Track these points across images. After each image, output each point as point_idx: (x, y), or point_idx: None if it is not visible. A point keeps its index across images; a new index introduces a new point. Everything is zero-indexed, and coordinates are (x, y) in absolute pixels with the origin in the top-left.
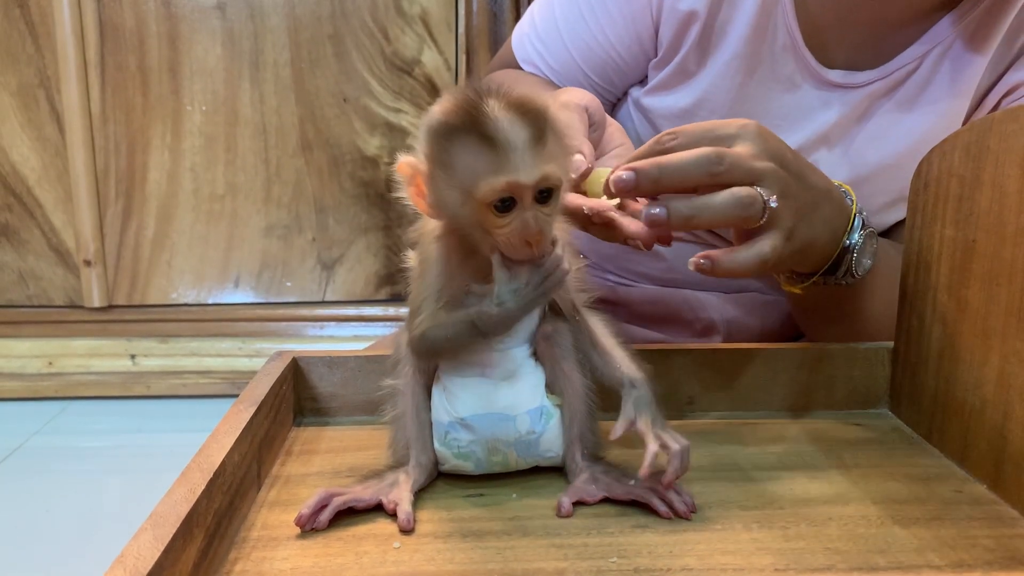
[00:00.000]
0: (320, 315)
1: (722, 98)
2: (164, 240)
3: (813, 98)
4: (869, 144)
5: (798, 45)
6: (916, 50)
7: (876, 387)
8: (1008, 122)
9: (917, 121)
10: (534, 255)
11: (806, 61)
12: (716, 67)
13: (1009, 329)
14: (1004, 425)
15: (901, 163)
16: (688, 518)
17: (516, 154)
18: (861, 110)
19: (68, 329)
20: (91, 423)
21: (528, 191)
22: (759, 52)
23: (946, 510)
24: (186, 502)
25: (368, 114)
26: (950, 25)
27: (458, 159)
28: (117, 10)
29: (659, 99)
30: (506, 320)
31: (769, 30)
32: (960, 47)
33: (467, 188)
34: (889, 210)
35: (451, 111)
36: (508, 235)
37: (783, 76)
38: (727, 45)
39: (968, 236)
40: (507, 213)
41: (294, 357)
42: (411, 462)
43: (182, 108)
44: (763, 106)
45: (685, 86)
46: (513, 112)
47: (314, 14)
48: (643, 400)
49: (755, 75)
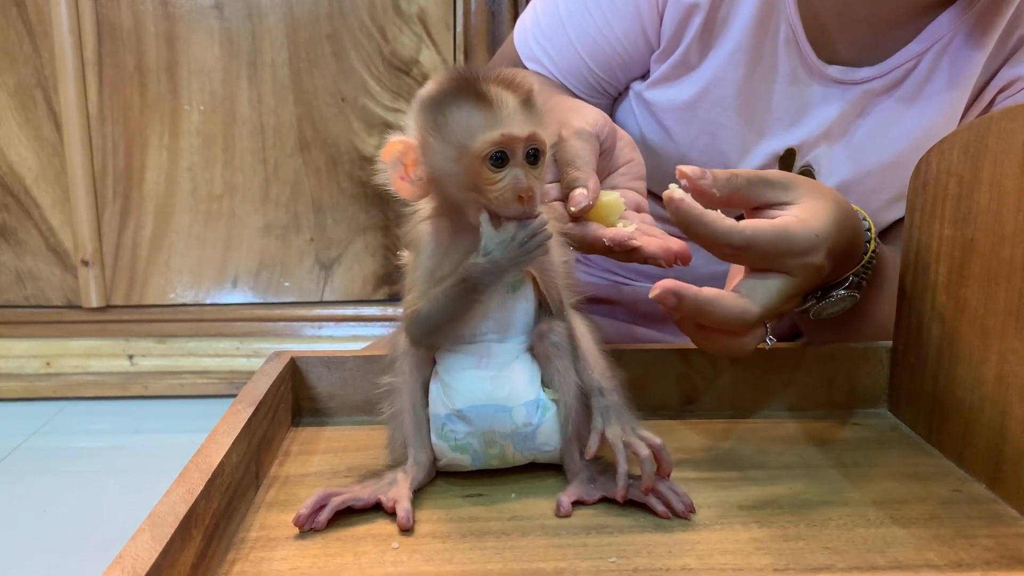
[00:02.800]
0: (318, 315)
1: (724, 91)
2: (162, 240)
3: (814, 93)
4: (870, 140)
5: (800, 39)
6: (915, 47)
7: (875, 386)
8: (1006, 121)
9: (917, 117)
10: (525, 211)
11: (807, 56)
12: (718, 59)
13: (1008, 328)
14: (1003, 424)
15: (902, 159)
16: (687, 518)
17: (508, 111)
18: (861, 106)
19: (66, 329)
20: (89, 423)
21: (520, 146)
22: (761, 45)
23: (945, 509)
24: (184, 502)
25: (366, 114)
26: (949, 22)
27: (453, 119)
28: (115, 10)
29: (661, 92)
30: (493, 270)
31: (772, 23)
32: (959, 43)
33: (463, 144)
34: (891, 207)
35: (444, 83)
36: (501, 190)
37: (785, 70)
38: (729, 37)
39: (967, 235)
40: (500, 170)
41: (292, 357)
42: (409, 460)
43: (180, 108)
44: (765, 100)
45: (687, 78)
46: (501, 82)
47: (312, 14)
48: (611, 409)
49: (757, 68)
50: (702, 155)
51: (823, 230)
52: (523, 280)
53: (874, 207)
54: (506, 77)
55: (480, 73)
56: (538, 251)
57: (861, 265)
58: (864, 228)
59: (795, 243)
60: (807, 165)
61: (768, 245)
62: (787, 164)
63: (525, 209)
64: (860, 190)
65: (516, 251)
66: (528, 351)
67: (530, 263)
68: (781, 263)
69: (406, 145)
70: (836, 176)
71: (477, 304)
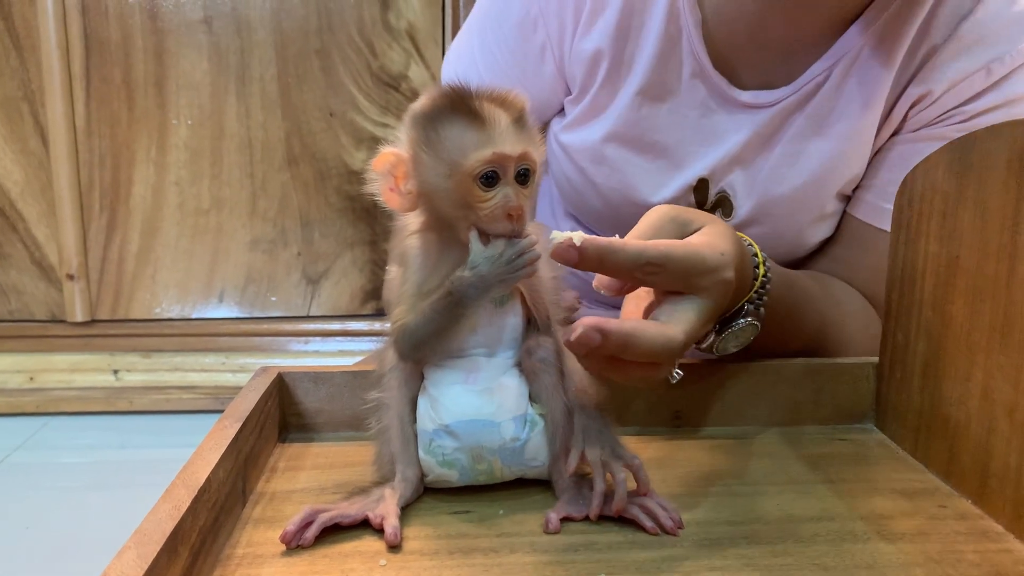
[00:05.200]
0: (305, 330)
1: (631, 130)
2: (148, 254)
3: (725, 120)
4: (783, 162)
5: (707, 71)
6: (824, 62)
7: (861, 402)
8: (990, 139)
9: (829, 138)
10: (514, 229)
11: (717, 85)
12: (624, 100)
13: (993, 344)
14: (988, 440)
15: (818, 179)
16: (675, 534)
17: (500, 129)
18: (773, 128)
19: (50, 344)
20: (73, 439)
21: (511, 164)
22: (667, 82)
23: (932, 525)
24: (171, 519)
25: (355, 128)
26: (856, 36)
27: (446, 136)
28: (103, 24)
29: (573, 135)
30: (479, 285)
31: (675, 58)
32: (866, 58)
33: (455, 161)
34: (812, 228)
35: (437, 98)
36: (492, 208)
37: (695, 102)
38: (633, 78)
39: (952, 252)
40: (491, 188)
41: (279, 373)
42: (397, 477)
43: (167, 122)
44: (675, 133)
45: (596, 121)
46: (494, 100)
47: (301, 29)
48: (591, 428)
49: (666, 104)
50: (616, 194)
51: (727, 249)
52: (511, 296)
53: (794, 229)
54: (499, 95)
55: (474, 90)
56: (525, 270)
57: (754, 291)
58: (751, 254)
59: (707, 260)
60: (722, 192)
61: (682, 261)
62: (701, 193)
63: (514, 227)
64: (778, 212)
65: (503, 268)
66: (516, 366)
67: (517, 281)
68: (694, 282)
69: (397, 157)
70: (752, 199)
71: (463, 318)
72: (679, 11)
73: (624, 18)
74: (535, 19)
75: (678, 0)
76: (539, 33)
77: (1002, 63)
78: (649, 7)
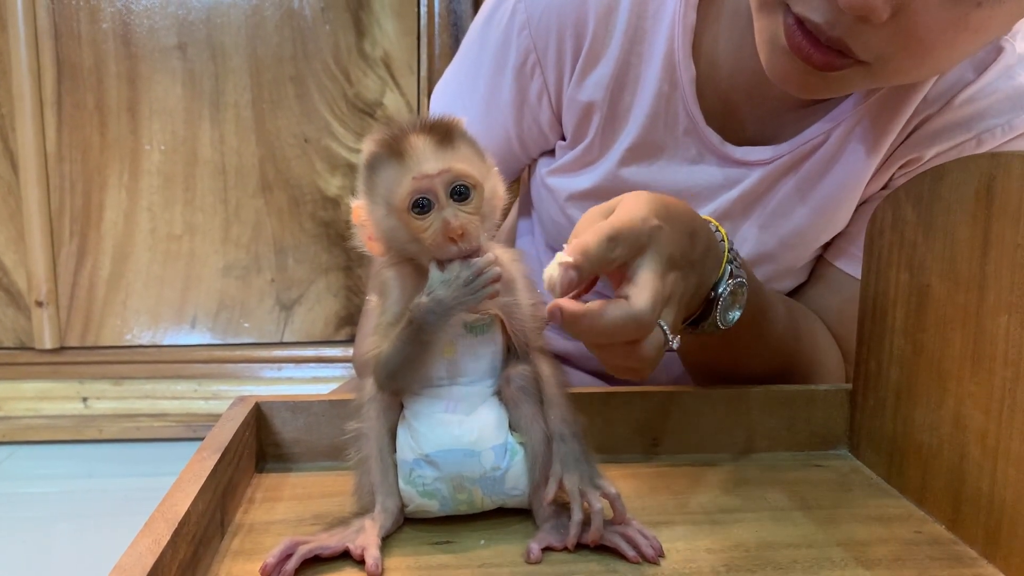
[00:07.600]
0: (278, 356)
1: (622, 184)
2: (119, 280)
3: (717, 175)
4: (772, 221)
5: (699, 128)
6: (822, 126)
7: (835, 429)
8: (958, 171)
9: (820, 199)
10: (460, 250)
11: (709, 141)
12: (617, 153)
13: (964, 372)
14: (960, 466)
15: (802, 240)
16: (656, 562)
17: (419, 155)
18: (765, 186)
19: (17, 371)
20: (40, 468)
21: (437, 185)
22: (660, 139)
23: (907, 551)
24: (151, 554)
25: (329, 155)
26: (860, 100)
27: (379, 178)
28: (75, 49)
29: (562, 180)
30: (436, 309)
31: (668, 116)
32: (866, 126)
33: (387, 201)
34: (782, 281)
35: (372, 143)
36: (431, 234)
37: (688, 157)
38: (626, 136)
39: (922, 281)
40: (425, 215)
41: (257, 402)
42: (377, 507)
43: (140, 148)
44: (665, 186)
45: (585, 172)
46: (421, 128)
47: (276, 55)
48: (570, 456)
49: (659, 159)
50: None
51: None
52: (491, 324)
53: (775, 285)
54: (430, 123)
55: (407, 126)
56: (485, 290)
57: (728, 252)
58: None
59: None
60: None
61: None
62: None
63: (460, 248)
64: (759, 270)
65: (461, 290)
66: (496, 395)
67: (478, 302)
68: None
69: (359, 208)
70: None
71: (429, 345)
72: (675, 66)
73: (620, 72)
74: (532, 67)
75: (674, 55)
76: (536, 81)
77: (992, 135)
78: (644, 61)
